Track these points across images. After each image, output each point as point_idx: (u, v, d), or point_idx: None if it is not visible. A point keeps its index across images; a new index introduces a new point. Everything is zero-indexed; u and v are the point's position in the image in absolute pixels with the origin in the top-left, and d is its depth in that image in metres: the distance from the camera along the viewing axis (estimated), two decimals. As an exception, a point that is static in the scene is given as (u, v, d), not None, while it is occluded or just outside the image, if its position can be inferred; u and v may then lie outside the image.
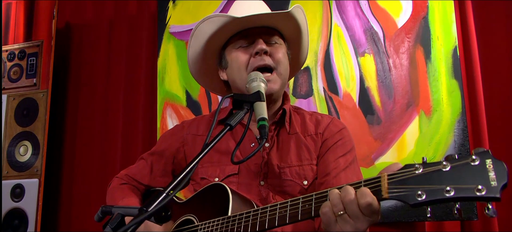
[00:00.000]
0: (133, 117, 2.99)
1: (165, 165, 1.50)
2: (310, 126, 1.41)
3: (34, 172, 2.90)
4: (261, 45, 1.33)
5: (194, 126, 1.52)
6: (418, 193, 0.75)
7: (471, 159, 0.74)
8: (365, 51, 2.47)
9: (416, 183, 0.77)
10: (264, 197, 1.32)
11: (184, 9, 2.85)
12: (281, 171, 1.33)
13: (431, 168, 0.77)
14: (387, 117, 2.38)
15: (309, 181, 1.32)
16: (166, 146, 1.52)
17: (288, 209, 0.99)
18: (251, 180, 1.34)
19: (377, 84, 2.42)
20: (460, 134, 2.25)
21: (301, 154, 1.35)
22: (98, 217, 0.96)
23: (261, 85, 1.24)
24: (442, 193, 0.73)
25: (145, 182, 1.50)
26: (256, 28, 1.37)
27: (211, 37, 1.39)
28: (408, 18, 2.41)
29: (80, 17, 3.26)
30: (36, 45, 3.11)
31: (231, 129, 1.09)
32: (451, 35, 2.33)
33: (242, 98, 1.17)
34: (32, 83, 3.08)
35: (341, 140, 1.36)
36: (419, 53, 2.38)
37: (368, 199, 0.85)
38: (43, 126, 2.93)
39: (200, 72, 1.54)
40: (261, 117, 1.13)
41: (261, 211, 1.06)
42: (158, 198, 0.85)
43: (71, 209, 3.02)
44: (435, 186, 0.74)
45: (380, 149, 2.35)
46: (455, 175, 0.74)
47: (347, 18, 2.53)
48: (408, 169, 0.79)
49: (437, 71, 2.33)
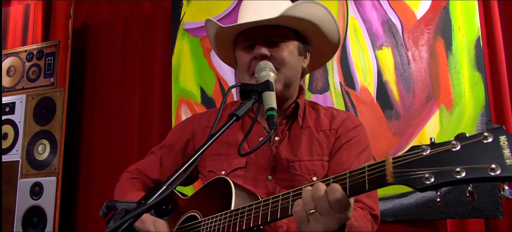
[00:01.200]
0: (148, 115, 2.99)
1: (175, 158, 1.46)
2: (324, 120, 1.35)
3: (52, 170, 2.93)
4: (259, 50, 1.28)
5: (205, 118, 1.48)
6: (426, 176, 0.68)
7: (483, 136, 0.67)
8: (382, 44, 2.39)
9: (424, 166, 0.70)
10: (272, 191, 1.26)
11: (198, 5, 2.84)
12: (290, 165, 1.28)
13: (440, 149, 0.70)
14: (406, 111, 2.28)
15: (318, 177, 1.26)
16: (176, 138, 1.49)
17: (290, 200, 0.94)
18: (259, 174, 1.29)
19: (396, 78, 2.33)
20: (483, 128, 2.12)
21: (313, 148, 1.29)
22: (103, 212, 0.94)
23: (270, 74, 1.20)
24: (452, 174, 0.66)
25: (155, 176, 1.47)
26: (257, 28, 1.31)
27: (216, 36, 1.41)
28: (427, 8, 2.32)
29: (96, 17, 3.29)
30: (53, 45, 3.15)
31: (237, 119, 1.04)
32: (473, 25, 2.22)
33: (249, 88, 1.13)
34: (50, 82, 3.13)
35: (356, 137, 1.30)
36: (439, 45, 2.27)
37: (337, 194, 0.82)
38: (61, 125, 2.97)
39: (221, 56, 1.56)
40: (269, 107, 1.09)
41: (263, 203, 1.01)
42: (158, 190, 0.82)
43: (88, 206, 3.04)
44: (444, 167, 0.67)
45: (399, 144, 2.26)
46: (466, 155, 0.67)
47: (363, 10, 2.45)
48: (414, 151, 0.73)
49: (458, 64, 2.22)
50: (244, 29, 1.32)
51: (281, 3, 1.34)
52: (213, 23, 1.36)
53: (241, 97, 1.14)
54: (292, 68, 1.31)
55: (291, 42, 1.33)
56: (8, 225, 2.94)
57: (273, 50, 1.29)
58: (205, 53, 2.78)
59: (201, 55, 2.79)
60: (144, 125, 2.99)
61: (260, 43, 1.29)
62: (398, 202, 2.20)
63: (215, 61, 2.75)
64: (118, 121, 3.07)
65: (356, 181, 0.83)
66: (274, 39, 1.30)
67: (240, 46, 1.36)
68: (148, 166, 1.49)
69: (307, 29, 1.34)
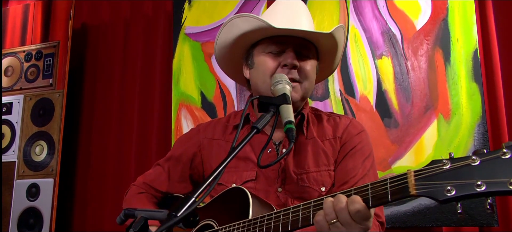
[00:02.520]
0: (148, 117, 2.99)
1: (183, 170, 1.47)
2: (327, 129, 1.37)
3: (49, 171, 2.92)
4: (292, 59, 1.28)
5: (210, 130, 1.49)
6: (447, 189, 0.72)
7: (502, 153, 0.71)
8: (382, 53, 2.44)
9: (445, 179, 0.74)
10: (283, 203, 1.29)
11: (200, 10, 2.86)
12: (298, 177, 1.30)
13: (460, 163, 0.74)
14: (404, 120, 2.33)
15: (326, 187, 1.30)
16: (182, 150, 1.49)
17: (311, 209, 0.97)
18: (269, 186, 1.31)
19: (395, 87, 2.38)
20: (480, 138, 2.19)
21: (319, 159, 1.32)
22: (120, 219, 0.96)
23: (286, 87, 1.22)
24: (472, 187, 0.70)
25: (163, 189, 1.48)
26: (291, 37, 1.31)
27: (243, 34, 1.35)
28: (427, 20, 2.37)
29: (96, 18, 3.29)
30: (52, 46, 3.15)
31: (258, 132, 1.06)
32: (471, 38, 2.28)
33: (267, 100, 1.15)
34: (48, 83, 3.12)
35: (360, 144, 1.33)
36: (438, 55, 2.33)
37: (357, 206, 0.86)
38: (59, 126, 2.96)
39: (224, 60, 1.49)
40: (287, 120, 1.11)
41: (284, 213, 1.03)
42: (186, 203, 0.84)
43: (86, 209, 3.04)
44: (465, 180, 0.71)
45: (397, 152, 2.31)
46: (486, 169, 0.70)
47: (364, 19, 2.50)
48: (435, 165, 0.77)
49: (456, 74, 2.28)
50: (276, 35, 1.31)
51: (309, 16, 1.39)
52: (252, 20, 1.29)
53: (259, 109, 1.16)
54: (311, 83, 1.35)
55: (314, 59, 1.36)
56: (3, 226, 2.91)
57: (301, 63, 1.31)
58: (206, 58, 2.80)
59: (202, 60, 2.81)
60: (143, 127, 2.99)
61: (292, 52, 1.30)
62: (396, 209, 2.25)
63: (216, 67, 2.77)
64: (117, 123, 3.07)
65: (378, 192, 0.86)
66: (303, 52, 1.32)
67: (264, 50, 1.34)
68: (156, 178, 1.49)
69: (327, 51, 1.39)
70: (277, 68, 1.30)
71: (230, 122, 1.48)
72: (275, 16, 1.32)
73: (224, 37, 1.39)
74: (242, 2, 2.77)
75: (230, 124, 1.46)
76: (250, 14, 1.30)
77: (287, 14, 1.32)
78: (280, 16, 1.32)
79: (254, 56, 1.37)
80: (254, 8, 2.75)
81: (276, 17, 1.32)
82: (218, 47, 1.43)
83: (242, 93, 2.69)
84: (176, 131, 2.76)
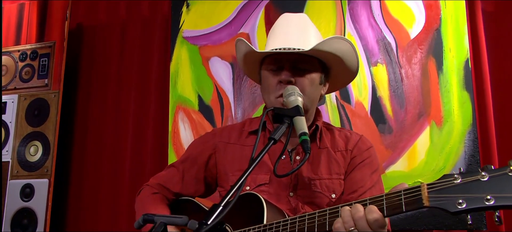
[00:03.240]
0: (143, 119, 3.00)
1: (198, 172, 1.53)
2: (339, 142, 1.45)
3: (44, 172, 2.91)
4: (286, 76, 1.36)
5: (226, 134, 1.55)
6: (459, 202, 0.78)
7: (509, 170, 0.77)
8: (377, 61, 2.51)
9: (456, 192, 0.80)
10: (294, 207, 1.35)
11: (198, 14, 2.88)
12: (311, 183, 1.37)
13: (470, 178, 0.80)
14: (398, 126, 2.41)
15: (336, 195, 1.37)
16: (198, 152, 1.55)
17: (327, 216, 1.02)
18: (281, 190, 1.37)
19: (389, 94, 2.46)
20: (470, 145, 2.28)
21: (331, 168, 1.39)
22: (138, 224, 0.99)
23: (298, 99, 1.28)
24: (482, 201, 0.76)
25: (176, 189, 1.53)
26: (286, 54, 1.38)
27: (246, 55, 1.49)
28: (421, 29, 2.45)
29: (92, 18, 3.28)
30: (48, 46, 3.13)
31: (275, 143, 1.12)
32: (463, 48, 2.37)
33: (282, 112, 1.22)
34: (44, 84, 3.11)
35: (368, 158, 1.41)
36: (431, 64, 2.41)
37: (375, 215, 0.92)
38: (54, 127, 2.95)
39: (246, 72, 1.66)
40: (302, 132, 1.17)
41: (299, 219, 1.08)
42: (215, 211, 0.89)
43: (79, 210, 3.03)
44: (475, 194, 0.77)
45: (391, 158, 2.38)
46: (494, 185, 0.77)
47: (360, 27, 2.56)
48: (447, 179, 0.83)
49: (448, 83, 2.36)
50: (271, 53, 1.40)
51: (308, 30, 1.44)
52: (245, 44, 1.44)
53: (273, 120, 1.22)
54: (310, 97, 1.39)
55: (315, 72, 1.41)
56: (-4, 227, 2.90)
57: (297, 77, 1.37)
58: (204, 61, 2.83)
59: (200, 64, 2.84)
60: (138, 129, 3.00)
61: (287, 69, 1.37)
62: (389, 212, 2.32)
63: (213, 70, 2.81)
64: (112, 125, 3.07)
65: (392, 203, 0.92)
66: (300, 66, 1.39)
67: (267, 67, 1.43)
68: (170, 179, 1.54)
69: (331, 60, 1.43)
70: (277, 85, 1.38)
71: (245, 127, 1.54)
72: (274, 34, 1.43)
73: (237, 55, 1.57)
74: (239, 8, 2.81)
75: (245, 130, 1.53)
76: (243, 40, 1.43)
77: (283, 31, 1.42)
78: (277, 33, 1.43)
79: (261, 72, 1.48)
80: (251, 13, 2.79)
81: (274, 34, 1.44)
82: (238, 62, 1.61)
83: (239, 98, 2.73)
84: (173, 134, 2.79)
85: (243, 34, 2.77)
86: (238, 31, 2.79)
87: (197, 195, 1.55)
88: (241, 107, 2.71)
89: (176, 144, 2.77)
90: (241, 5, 2.81)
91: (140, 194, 1.56)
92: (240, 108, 2.71)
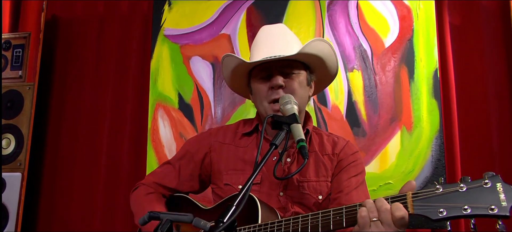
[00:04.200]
0: (120, 115, 2.99)
1: (193, 169, 1.60)
2: (327, 146, 1.54)
3: (17, 166, 2.85)
4: (276, 81, 1.44)
5: (221, 134, 1.62)
6: (440, 210, 0.88)
7: (484, 182, 0.88)
8: (354, 67, 2.63)
9: (437, 201, 0.90)
10: (284, 206, 1.44)
11: (180, 13, 2.91)
12: (300, 185, 1.46)
13: (450, 189, 0.90)
14: (372, 130, 2.54)
15: (323, 196, 1.46)
16: (194, 150, 1.61)
17: (319, 219, 1.10)
18: (272, 190, 1.46)
19: (364, 99, 2.58)
20: (437, 149, 2.44)
21: (319, 171, 1.49)
22: (143, 220, 1.03)
23: (294, 107, 1.37)
24: (460, 210, 0.87)
25: (172, 185, 1.59)
26: (274, 62, 1.46)
27: (234, 69, 1.55)
28: (395, 39, 2.59)
29: (68, 11, 3.21)
30: (23, 37, 3.06)
31: (276, 148, 1.20)
32: (433, 58, 2.52)
33: (280, 119, 1.30)
34: (18, 75, 3.04)
35: (354, 162, 1.50)
36: (403, 72, 2.56)
37: (402, 212, 0.98)
38: (29, 120, 2.90)
39: (235, 87, 1.69)
40: (299, 138, 1.25)
41: (293, 220, 1.16)
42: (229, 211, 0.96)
43: (52, 206, 2.99)
44: (454, 204, 0.88)
45: (364, 159, 2.50)
46: (471, 195, 0.87)
47: (338, 34, 2.68)
48: (429, 189, 0.93)
49: (419, 91, 2.52)
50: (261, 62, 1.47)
51: (289, 38, 1.54)
52: (234, 58, 1.50)
53: (272, 126, 1.30)
54: (301, 97, 1.48)
55: (301, 73, 1.50)
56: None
57: (286, 81, 1.46)
58: (185, 60, 2.86)
59: (181, 62, 2.86)
60: (115, 126, 2.99)
61: (276, 74, 1.45)
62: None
63: (194, 69, 2.85)
64: (88, 119, 3.04)
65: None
66: (288, 71, 1.47)
67: (256, 77, 1.51)
68: (166, 176, 1.60)
69: (314, 62, 1.52)
70: (268, 91, 1.46)
71: (239, 129, 1.62)
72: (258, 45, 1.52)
73: (225, 72, 1.60)
74: (221, 9, 2.86)
75: (239, 131, 1.61)
76: (232, 54, 1.51)
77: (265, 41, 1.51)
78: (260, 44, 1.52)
79: (251, 83, 1.55)
80: (233, 15, 2.84)
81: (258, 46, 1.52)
82: (225, 79, 1.64)
83: (219, 97, 2.79)
84: (152, 130, 2.81)
85: (224, 35, 2.83)
86: (219, 32, 2.84)
87: (191, 191, 1.62)
88: (221, 107, 2.77)
89: (155, 140, 2.79)
90: (223, 7, 2.86)
91: (134, 192, 1.61)
92: (220, 107, 2.77)
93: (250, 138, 1.57)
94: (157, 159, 2.77)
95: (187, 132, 2.78)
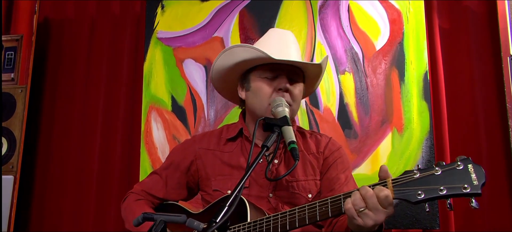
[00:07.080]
0: (113, 118, 2.99)
1: (180, 178, 1.61)
2: (311, 144, 1.57)
3: (9, 168, 2.85)
4: (285, 84, 1.45)
5: (205, 141, 1.63)
6: (418, 193, 0.91)
7: (457, 165, 0.91)
8: (345, 69, 2.65)
9: (415, 185, 0.93)
10: (274, 207, 1.45)
11: (173, 15, 2.93)
12: (289, 185, 1.47)
13: (426, 173, 0.93)
14: (363, 131, 2.56)
15: (313, 194, 1.48)
16: (180, 159, 1.62)
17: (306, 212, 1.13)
18: (261, 192, 1.47)
19: (355, 101, 2.61)
20: (427, 151, 2.46)
21: (307, 169, 1.51)
22: (137, 222, 1.04)
23: (285, 110, 1.39)
24: (437, 191, 0.89)
25: (160, 195, 1.60)
26: (284, 65, 1.48)
27: (243, 61, 1.51)
28: (385, 42, 2.62)
29: (60, 12, 3.21)
30: (15, 39, 3.07)
31: (268, 150, 1.22)
32: (423, 61, 2.55)
33: (272, 122, 1.31)
34: (10, 78, 3.05)
35: (340, 158, 1.53)
36: (394, 75, 2.58)
37: (385, 191, 1.01)
38: (21, 122, 2.90)
39: (220, 81, 1.65)
40: (290, 140, 1.27)
41: (281, 215, 1.19)
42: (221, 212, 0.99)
43: (43, 209, 2.98)
44: (431, 186, 0.90)
45: (356, 161, 2.52)
46: (446, 177, 0.91)
47: (330, 37, 2.71)
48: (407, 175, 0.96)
49: (409, 93, 2.54)
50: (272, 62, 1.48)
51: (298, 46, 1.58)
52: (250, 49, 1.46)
53: (264, 129, 1.32)
54: (299, 105, 1.53)
55: (301, 83, 1.54)
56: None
57: (291, 87, 1.48)
58: (178, 63, 2.89)
59: (174, 65, 2.89)
60: (107, 128, 2.99)
61: (285, 77, 1.47)
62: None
63: (187, 72, 2.87)
64: (80, 122, 3.04)
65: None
66: (294, 77, 1.50)
67: (261, 75, 1.50)
68: (154, 186, 1.61)
69: (313, 77, 1.58)
70: (272, 92, 1.47)
71: (223, 135, 1.63)
72: (269, 46, 1.50)
73: (222, 62, 1.55)
74: (214, 12, 2.89)
75: (223, 137, 1.62)
76: (250, 45, 1.48)
77: (280, 44, 1.52)
78: (273, 45, 1.51)
79: (250, 80, 1.53)
80: (226, 18, 2.87)
81: (270, 46, 1.50)
82: (215, 70, 1.59)
83: (212, 100, 2.80)
84: (146, 133, 2.82)
85: (217, 38, 2.85)
86: (212, 34, 2.87)
87: (180, 199, 1.63)
88: (214, 109, 2.78)
89: (149, 143, 2.80)
90: (216, 9, 2.89)
91: (125, 201, 1.63)
92: (212, 110, 2.78)
93: (235, 143, 1.58)
94: (151, 161, 2.78)
95: (180, 134, 2.79)
